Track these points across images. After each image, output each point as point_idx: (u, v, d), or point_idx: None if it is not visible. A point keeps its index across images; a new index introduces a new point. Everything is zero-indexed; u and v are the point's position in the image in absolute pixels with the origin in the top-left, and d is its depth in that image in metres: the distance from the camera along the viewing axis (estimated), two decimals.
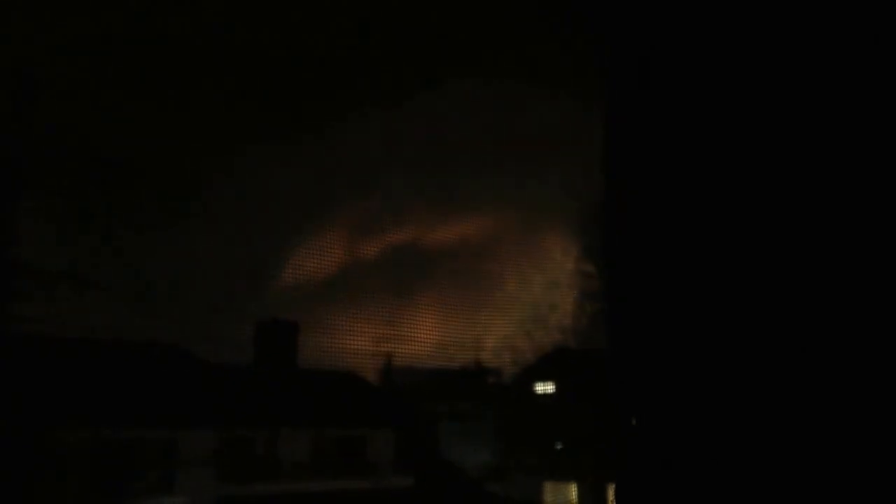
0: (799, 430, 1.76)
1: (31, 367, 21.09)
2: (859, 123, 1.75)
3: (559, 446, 32.92)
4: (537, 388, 35.17)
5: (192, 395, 23.81)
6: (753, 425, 1.86)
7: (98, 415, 20.87)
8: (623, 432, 2.22)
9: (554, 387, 34.55)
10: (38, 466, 18.98)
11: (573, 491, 32.23)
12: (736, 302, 1.94)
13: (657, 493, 2.11)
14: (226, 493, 22.74)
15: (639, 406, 2.18)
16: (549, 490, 32.94)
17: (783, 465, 1.78)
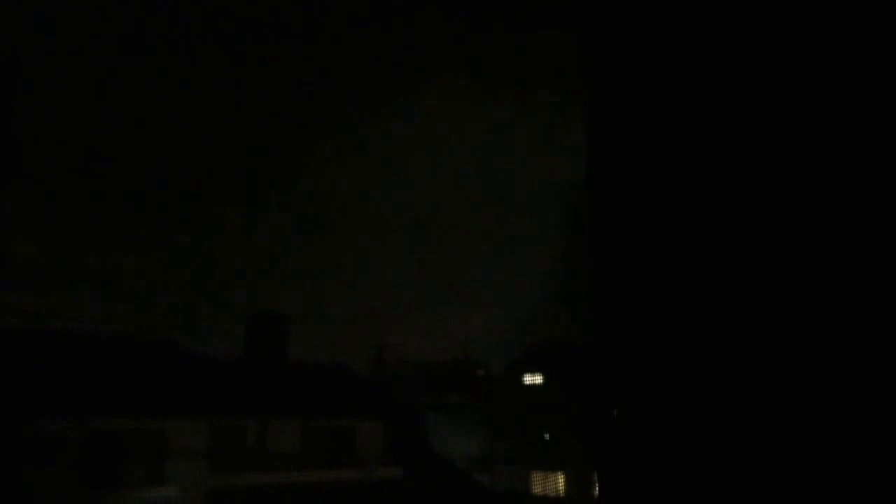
0: (778, 420, 1.82)
1: (23, 358, 21.03)
2: (845, 123, 1.82)
3: (546, 437, 33.02)
4: (525, 380, 35.24)
5: (183, 387, 23.78)
6: (732, 415, 1.92)
7: (90, 406, 20.81)
8: (605, 423, 2.30)
9: (541, 379, 34.62)
10: (31, 457, 18.97)
11: (560, 480, 32.41)
12: (716, 297, 1.99)
13: (639, 482, 2.19)
14: (217, 483, 22.74)
15: (621, 397, 2.26)
16: (536, 480, 33.08)
17: (761, 454, 1.85)
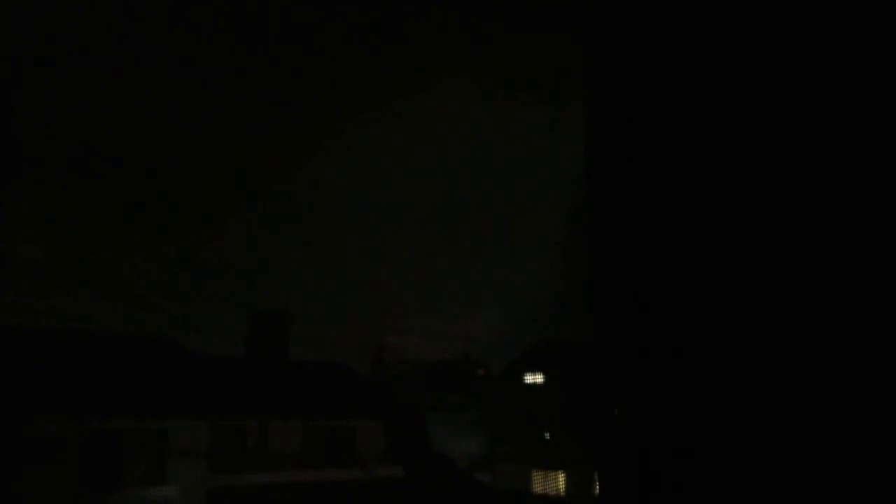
0: (780, 420, 1.82)
1: (22, 358, 21.04)
2: (847, 123, 1.82)
3: (547, 436, 33.02)
4: (526, 379, 35.23)
5: (183, 387, 23.78)
6: (733, 415, 1.92)
7: (90, 406, 20.81)
8: (607, 421, 2.27)
9: (542, 378, 34.61)
10: (31, 457, 18.97)
11: (560, 480, 32.40)
12: (718, 296, 1.99)
13: (640, 481, 2.17)
14: (217, 483, 22.75)
15: (622, 395, 2.25)
16: (537, 479, 33.08)
17: (763, 454, 1.84)
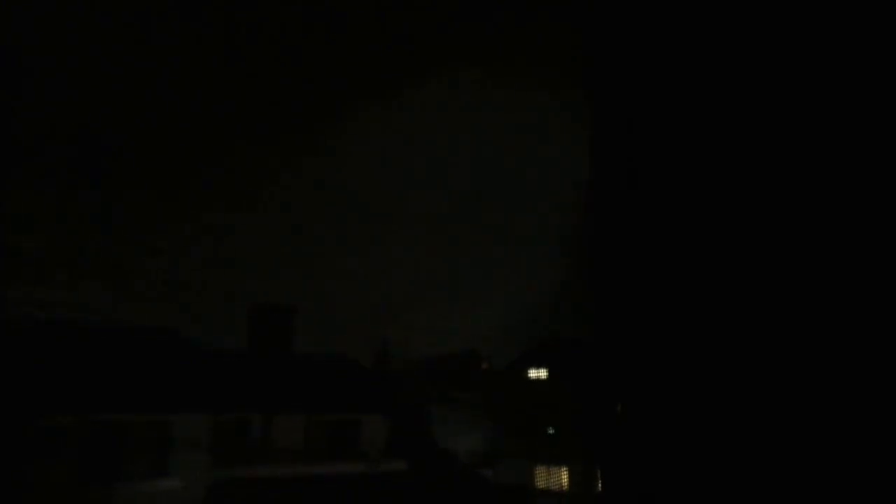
0: (781, 418, 1.83)
1: (25, 350, 21.09)
2: (848, 123, 1.84)
3: (551, 431, 33.07)
4: (529, 375, 35.28)
5: (187, 380, 23.83)
6: (735, 413, 1.94)
7: (92, 399, 20.87)
8: (609, 418, 2.30)
9: (546, 373, 34.67)
10: (32, 451, 19.04)
11: (563, 475, 32.43)
12: (720, 295, 2.01)
13: (642, 477, 2.19)
14: (220, 476, 22.81)
15: (624, 393, 2.26)
16: (540, 474, 33.13)
17: (764, 451, 1.86)
